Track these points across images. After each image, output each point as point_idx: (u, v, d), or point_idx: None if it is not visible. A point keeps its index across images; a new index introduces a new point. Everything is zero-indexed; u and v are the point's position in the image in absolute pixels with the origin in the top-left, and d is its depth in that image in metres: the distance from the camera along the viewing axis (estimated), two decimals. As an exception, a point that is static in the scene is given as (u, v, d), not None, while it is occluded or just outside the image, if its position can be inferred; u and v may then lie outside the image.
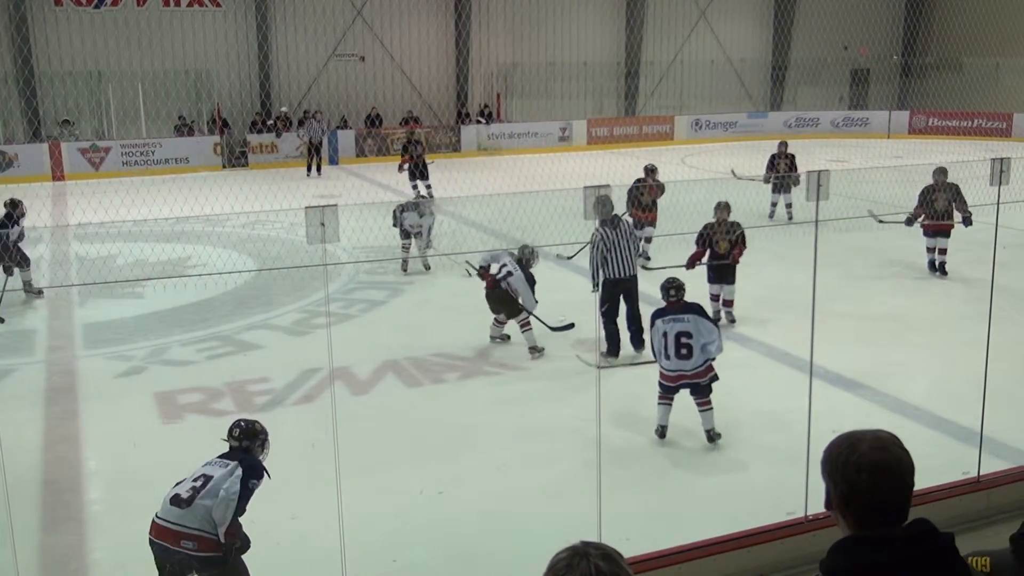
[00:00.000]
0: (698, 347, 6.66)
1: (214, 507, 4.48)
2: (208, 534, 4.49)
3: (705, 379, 6.74)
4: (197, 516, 4.50)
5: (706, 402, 6.80)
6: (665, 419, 6.88)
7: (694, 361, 6.67)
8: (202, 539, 4.50)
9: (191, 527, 4.50)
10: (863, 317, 9.90)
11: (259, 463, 4.72)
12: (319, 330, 9.74)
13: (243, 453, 4.74)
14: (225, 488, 4.51)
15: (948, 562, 2.04)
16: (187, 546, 4.51)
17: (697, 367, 6.70)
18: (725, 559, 4.67)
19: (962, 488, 5.28)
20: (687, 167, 23.08)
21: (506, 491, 6.27)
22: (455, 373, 8.65)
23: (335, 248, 11.45)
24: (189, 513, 4.50)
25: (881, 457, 2.04)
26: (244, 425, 4.89)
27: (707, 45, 30.91)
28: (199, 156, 23.62)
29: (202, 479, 4.60)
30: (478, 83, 28.59)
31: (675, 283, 6.97)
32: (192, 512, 4.50)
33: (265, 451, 4.88)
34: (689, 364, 6.68)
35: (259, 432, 4.86)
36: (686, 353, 6.66)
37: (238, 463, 4.62)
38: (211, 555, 4.52)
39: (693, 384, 6.76)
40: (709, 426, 6.81)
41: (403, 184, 19.21)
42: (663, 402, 6.88)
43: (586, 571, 1.73)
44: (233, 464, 4.62)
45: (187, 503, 4.52)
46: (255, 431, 4.86)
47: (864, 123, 30.62)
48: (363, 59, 26.64)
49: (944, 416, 7.27)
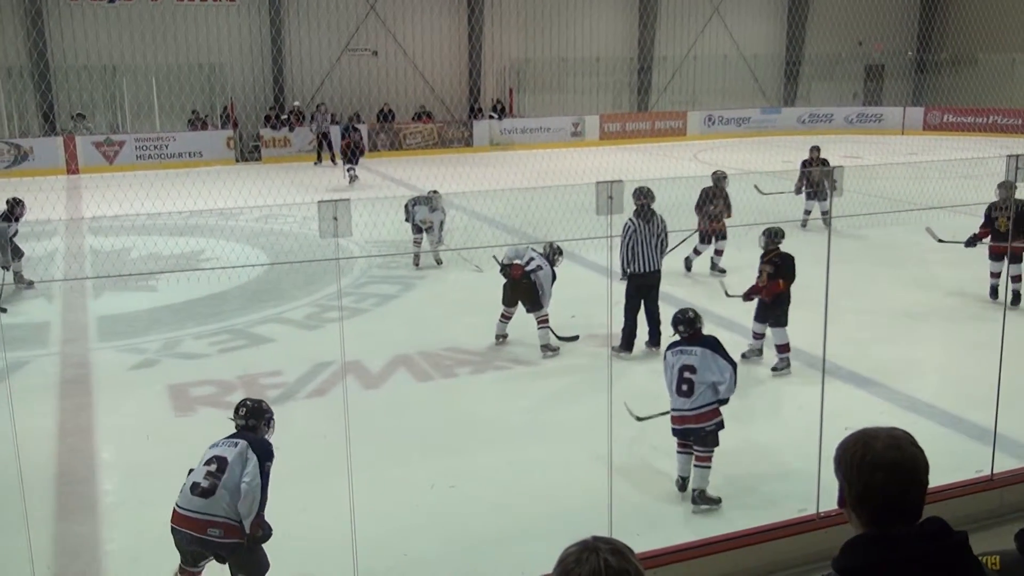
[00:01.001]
0: (703, 385, 5.78)
1: (240, 502, 4.54)
2: (233, 521, 4.55)
3: (708, 424, 5.80)
4: (221, 504, 4.55)
5: (704, 457, 5.82)
6: (684, 470, 5.97)
7: (693, 400, 5.78)
8: (228, 526, 4.56)
9: (216, 515, 4.56)
10: (876, 314, 9.86)
11: (269, 443, 4.76)
12: (331, 324, 9.76)
13: (250, 432, 4.78)
14: (247, 481, 4.55)
15: (962, 560, 2.03)
16: (214, 533, 4.58)
17: (697, 408, 5.78)
18: (736, 556, 4.66)
19: (975, 486, 5.25)
20: (699, 163, 23.03)
21: (517, 486, 6.27)
22: (466, 368, 8.66)
23: (347, 242, 11.53)
24: (213, 502, 4.55)
25: (896, 455, 2.03)
26: (251, 404, 4.92)
27: (720, 40, 30.80)
28: (212, 150, 23.72)
29: (215, 462, 4.63)
30: (490, 78, 28.57)
31: (686, 316, 6.08)
32: (216, 501, 4.55)
33: (271, 429, 4.92)
34: (688, 403, 5.79)
35: (265, 410, 4.90)
36: (686, 390, 5.78)
37: (248, 444, 4.65)
38: (236, 541, 4.59)
39: (697, 430, 5.82)
40: (698, 486, 5.81)
41: (415, 178, 19.22)
42: (681, 451, 5.99)
43: (595, 566, 1.74)
44: (243, 444, 4.64)
45: (210, 492, 4.56)
46: (262, 410, 4.90)
47: (878, 119, 30.47)
48: (376, 54, 26.65)
49: (957, 414, 7.24)
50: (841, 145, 24.93)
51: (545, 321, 8.95)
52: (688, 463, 5.93)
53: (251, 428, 4.83)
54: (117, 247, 13.48)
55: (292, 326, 9.95)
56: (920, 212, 12.31)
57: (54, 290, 11.31)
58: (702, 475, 5.81)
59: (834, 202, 5.04)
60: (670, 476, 6.13)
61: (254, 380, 8.26)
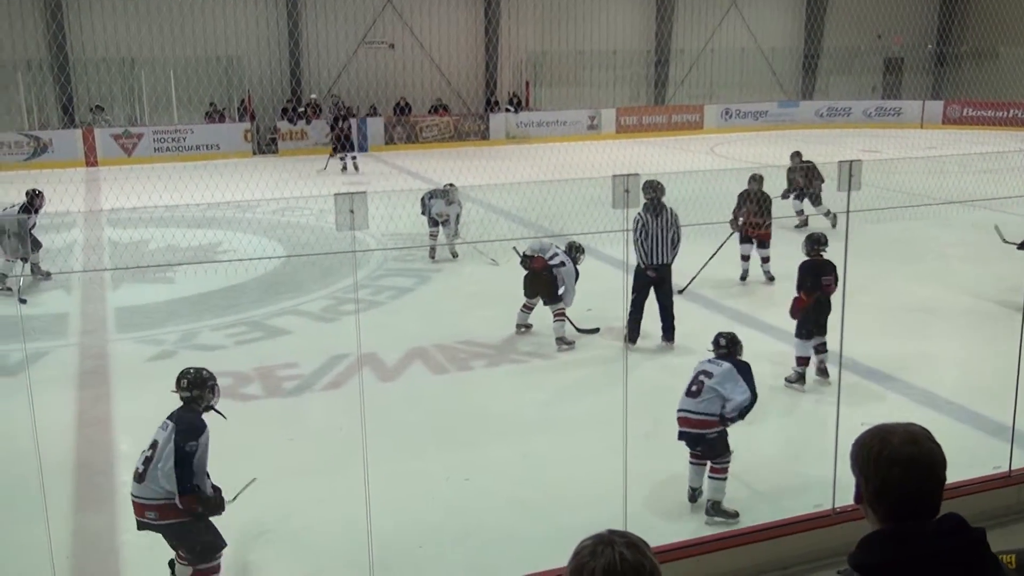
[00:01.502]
0: (712, 392, 5.65)
1: (162, 478, 4.52)
2: (165, 501, 4.53)
3: (710, 432, 5.63)
4: (152, 486, 4.55)
5: (718, 468, 5.67)
6: (696, 481, 5.82)
7: (698, 403, 5.65)
8: (161, 508, 4.55)
9: (149, 498, 4.56)
10: (894, 308, 9.80)
11: (195, 422, 4.65)
12: (347, 316, 9.79)
13: (194, 404, 4.72)
14: (164, 457, 4.52)
15: (979, 557, 2.02)
16: (150, 516, 4.59)
17: (700, 412, 5.65)
18: (751, 550, 4.65)
19: (993, 483, 5.22)
20: (716, 156, 22.93)
21: (532, 479, 6.28)
22: (482, 361, 8.67)
23: (364, 235, 11.55)
24: (146, 485, 4.56)
25: (914, 451, 2.02)
26: (192, 374, 4.82)
27: (738, 33, 30.64)
28: (230, 143, 23.83)
29: (151, 447, 4.63)
30: (507, 71, 28.54)
31: (728, 336, 6.01)
32: (148, 484, 4.56)
33: (215, 396, 4.85)
34: (692, 403, 5.68)
35: (207, 378, 4.82)
36: (695, 390, 5.69)
37: (174, 425, 4.60)
38: (173, 522, 4.56)
39: (697, 436, 5.68)
40: (711, 497, 5.67)
41: (431, 171, 19.24)
42: (692, 461, 5.83)
43: (610, 559, 1.74)
44: (171, 427, 4.60)
45: (143, 476, 4.57)
46: (202, 378, 4.81)
47: (897, 113, 30.25)
48: (392, 47, 26.68)
49: (975, 410, 7.19)
50: (859, 139, 24.79)
51: (562, 314, 8.96)
52: (699, 474, 5.80)
53: (195, 399, 4.74)
54: (135, 239, 13.58)
55: (308, 318, 9.98)
56: (938, 207, 12.24)
57: (73, 282, 11.40)
58: (716, 487, 5.65)
59: (852, 196, 5.00)
60: (685, 472, 6.12)
61: (270, 372, 8.30)
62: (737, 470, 5.93)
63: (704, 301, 10.16)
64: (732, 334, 6.04)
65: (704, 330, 7.02)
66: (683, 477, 6.07)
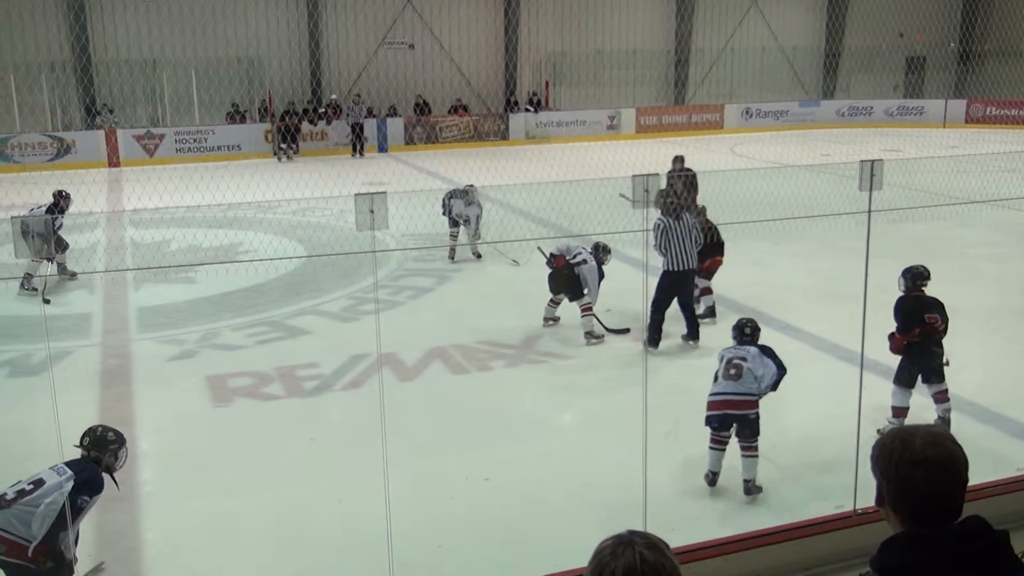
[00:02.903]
0: (751, 374, 5.97)
1: (34, 518, 4.33)
2: (20, 539, 4.33)
3: (751, 412, 5.93)
4: (13, 519, 4.34)
5: (752, 447, 5.96)
6: (716, 465, 6.02)
7: (739, 384, 5.94)
8: (12, 543, 4.34)
9: (3, 529, 4.34)
10: (916, 309, 9.71)
11: (97, 478, 4.51)
12: (367, 316, 9.82)
13: (91, 463, 4.57)
14: (47, 502, 4.34)
15: (1003, 559, 2.00)
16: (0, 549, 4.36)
17: (742, 393, 5.94)
18: (772, 551, 4.62)
19: (1016, 484, 5.16)
20: (737, 156, 22.84)
21: (551, 479, 6.27)
22: (501, 361, 8.67)
23: (383, 235, 11.58)
24: (6, 516, 4.35)
25: (935, 453, 2.01)
26: (96, 433, 4.68)
27: (759, 32, 30.52)
28: (250, 143, 23.96)
29: (35, 483, 4.45)
30: (527, 71, 28.56)
31: (750, 323, 6.34)
32: (9, 513, 4.35)
33: (119, 461, 4.71)
34: (734, 386, 5.95)
35: (111, 441, 4.67)
36: (734, 374, 5.98)
37: (74, 475, 4.44)
38: (18, 562, 4.33)
39: (740, 417, 5.95)
40: (749, 475, 5.98)
41: (451, 171, 19.25)
42: (715, 446, 6.02)
43: (630, 560, 1.73)
44: (68, 475, 4.43)
45: (8, 504, 4.38)
46: (106, 440, 4.66)
47: (919, 112, 30.03)
48: (412, 47, 26.77)
49: (997, 411, 7.14)
50: (881, 138, 24.63)
51: (588, 309, 9.00)
52: (719, 459, 6.00)
53: (94, 460, 4.59)
54: (157, 239, 13.68)
55: (329, 318, 10.02)
56: (961, 206, 12.14)
57: (96, 282, 11.49)
58: (751, 464, 5.95)
59: (873, 196, 4.96)
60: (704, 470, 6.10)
61: (291, 372, 8.33)
62: (760, 469, 5.91)
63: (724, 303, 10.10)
64: (754, 321, 6.39)
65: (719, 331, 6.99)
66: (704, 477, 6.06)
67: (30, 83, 22.59)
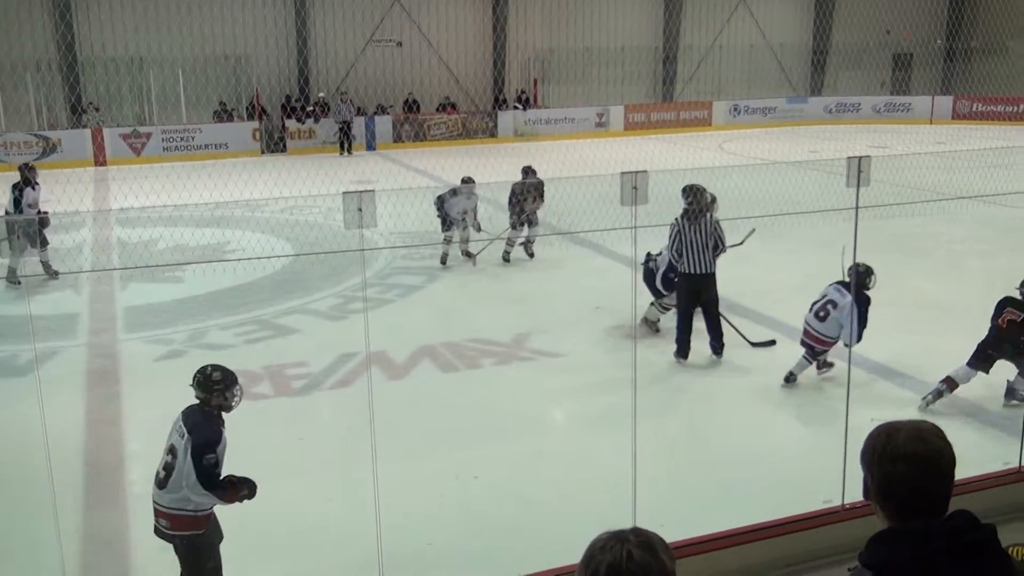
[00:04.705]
0: (835, 320, 7.24)
1: (189, 495, 4.43)
2: (183, 512, 4.46)
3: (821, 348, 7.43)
4: (171, 495, 4.47)
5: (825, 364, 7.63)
6: (799, 369, 7.57)
7: (821, 325, 7.33)
8: (175, 518, 4.48)
9: (165, 506, 4.49)
10: (904, 304, 9.75)
11: (209, 434, 4.49)
12: (356, 315, 9.80)
13: (202, 410, 4.58)
14: (186, 473, 4.39)
15: (989, 554, 2.01)
16: (163, 524, 4.53)
17: (822, 333, 7.34)
18: (761, 547, 4.63)
19: (1004, 478, 5.19)
20: (725, 153, 22.89)
21: (542, 476, 6.28)
22: (491, 359, 8.66)
23: (372, 233, 11.55)
24: (166, 493, 4.49)
25: (919, 448, 2.02)
26: (205, 374, 4.63)
27: (746, 29, 30.58)
28: (238, 142, 23.87)
29: (171, 453, 4.51)
30: (515, 68, 28.54)
31: (863, 266, 7.08)
32: (168, 492, 4.48)
33: (233, 399, 4.65)
34: (817, 325, 7.38)
35: (216, 382, 4.61)
36: (823, 316, 7.33)
37: (190, 437, 4.44)
38: (185, 534, 4.49)
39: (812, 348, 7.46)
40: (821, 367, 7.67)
41: (439, 169, 19.23)
42: (807, 356, 7.57)
43: (617, 556, 1.73)
44: (187, 438, 4.45)
45: (164, 483, 4.49)
46: (211, 381, 4.61)
47: (906, 108, 30.14)
48: (400, 44, 26.71)
49: (985, 406, 7.17)
50: (868, 135, 24.71)
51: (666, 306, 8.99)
52: (802, 367, 7.61)
53: (204, 402, 4.60)
54: (144, 238, 13.63)
55: (317, 317, 10.00)
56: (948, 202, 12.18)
57: (82, 281, 11.43)
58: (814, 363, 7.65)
59: (861, 192, 4.98)
60: (697, 468, 6.13)
61: (280, 371, 8.31)
62: (750, 465, 5.93)
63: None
64: (862, 267, 7.03)
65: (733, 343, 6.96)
66: (695, 475, 6.09)
67: (15, 82, 22.44)
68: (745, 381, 8.05)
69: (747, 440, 6.81)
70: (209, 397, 4.61)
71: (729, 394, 7.82)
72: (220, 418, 4.64)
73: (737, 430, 6.99)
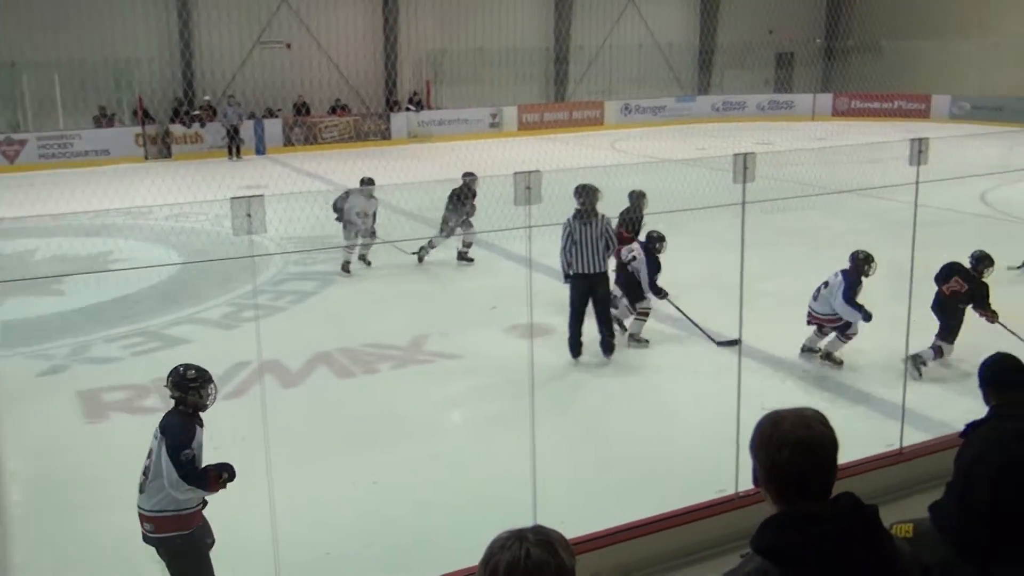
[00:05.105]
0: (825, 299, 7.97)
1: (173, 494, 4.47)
2: (166, 513, 4.49)
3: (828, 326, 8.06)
4: (152, 497, 4.49)
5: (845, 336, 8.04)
6: (813, 342, 8.30)
7: (816, 303, 8.05)
8: (158, 520, 4.50)
9: (147, 509, 4.52)
10: (791, 296, 10.04)
11: (182, 432, 4.52)
12: (248, 323, 9.58)
13: (176, 411, 4.62)
14: (165, 474, 4.44)
15: (873, 533, 2.09)
16: (147, 528, 4.54)
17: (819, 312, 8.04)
18: (658, 538, 4.71)
19: (886, 460, 5.41)
20: (617, 152, 23.24)
21: (441, 480, 6.25)
22: (388, 363, 8.58)
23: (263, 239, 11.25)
24: (146, 496, 4.51)
25: (803, 434, 2.08)
26: (175, 375, 4.69)
27: (635, 30, 31.10)
28: (120, 147, 23.04)
29: (148, 456, 4.56)
30: (407, 70, 28.37)
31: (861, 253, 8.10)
32: (148, 495, 4.50)
33: (207, 398, 4.69)
34: (813, 304, 8.09)
35: (191, 380, 4.65)
36: (815, 294, 8.06)
37: (163, 437, 4.50)
38: (167, 535, 4.52)
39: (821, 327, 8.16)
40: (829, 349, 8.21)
41: (331, 172, 18.98)
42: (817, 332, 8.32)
43: (515, 555, 1.74)
44: (160, 439, 4.51)
45: (143, 487, 4.53)
46: (185, 379, 4.65)
47: (789, 106, 31.17)
48: (289, 46, 26.21)
49: (868, 391, 7.46)
50: (754, 132, 25.44)
51: (644, 314, 8.88)
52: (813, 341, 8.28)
53: (179, 401, 4.64)
54: (19, 249, 13.02)
55: (208, 326, 9.73)
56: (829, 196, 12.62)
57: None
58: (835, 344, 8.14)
59: (747, 188, 5.11)
60: (595, 464, 6.18)
61: (169, 383, 8.04)
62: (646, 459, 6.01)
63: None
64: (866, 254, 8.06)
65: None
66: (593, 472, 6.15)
67: None
68: (640, 378, 8.18)
69: (644, 435, 6.91)
70: (184, 396, 4.64)
71: (625, 391, 7.93)
72: (195, 416, 4.67)
73: (634, 426, 7.09)
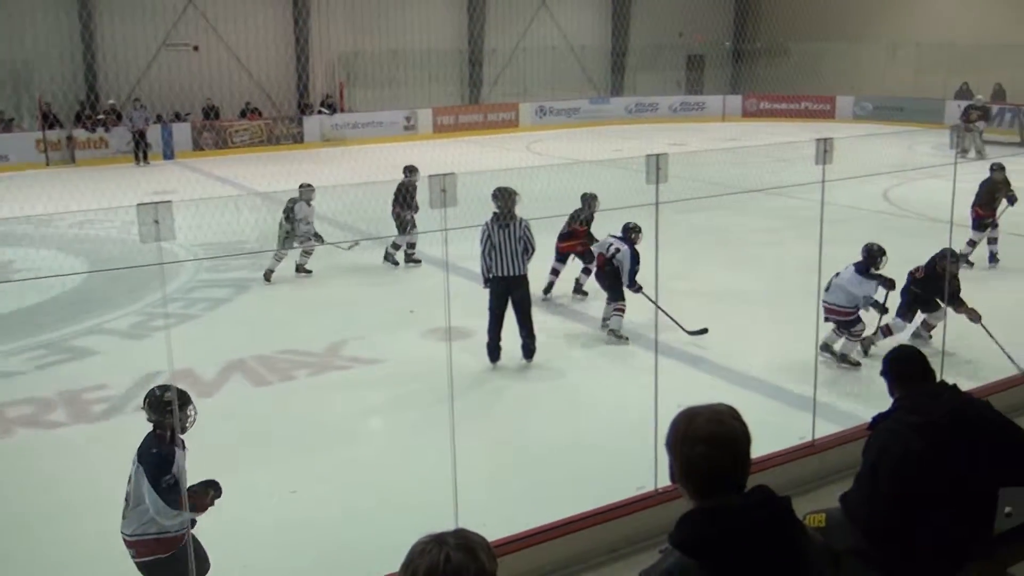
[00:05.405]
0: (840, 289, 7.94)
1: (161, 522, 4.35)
2: (146, 536, 4.39)
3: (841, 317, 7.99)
4: (133, 523, 4.40)
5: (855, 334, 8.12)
6: (831, 340, 8.23)
7: (829, 294, 7.90)
8: (139, 544, 4.41)
9: (128, 534, 4.43)
10: (704, 294, 10.25)
11: (158, 459, 4.36)
12: (159, 332, 9.34)
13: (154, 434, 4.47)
14: (149, 501, 4.31)
15: (787, 524, 2.14)
16: (132, 555, 4.45)
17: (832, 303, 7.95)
18: (579, 537, 4.74)
19: (798, 453, 5.54)
20: (532, 154, 23.35)
21: (362, 485, 6.19)
22: (306, 370, 8.46)
23: (172, 246, 11.01)
24: (128, 522, 4.43)
25: (716, 429, 2.12)
26: (151, 397, 4.53)
27: (548, 32, 31.28)
28: (20, 153, 22.19)
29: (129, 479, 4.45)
30: (319, 72, 27.99)
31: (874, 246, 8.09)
32: (130, 521, 4.42)
33: (186, 420, 4.50)
34: (827, 296, 7.89)
35: (167, 402, 4.44)
36: (827, 287, 7.87)
37: (140, 466, 4.37)
38: (152, 559, 4.42)
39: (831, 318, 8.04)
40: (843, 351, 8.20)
41: (243, 177, 18.64)
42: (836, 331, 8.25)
43: (435, 560, 1.73)
44: (137, 467, 4.38)
45: (124, 514, 4.45)
46: (161, 402, 4.47)
47: (700, 107, 31.76)
48: (196, 48, 25.60)
49: (782, 385, 7.64)
50: (667, 133, 25.84)
51: (621, 310, 8.96)
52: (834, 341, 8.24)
53: (157, 424, 4.47)
54: (-86, 261, 12.46)
55: (117, 336, 9.45)
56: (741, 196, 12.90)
57: None
58: (848, 346, 8.19)
59: (660, 188, 5.18)
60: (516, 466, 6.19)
61: (77, 396, 7.81)
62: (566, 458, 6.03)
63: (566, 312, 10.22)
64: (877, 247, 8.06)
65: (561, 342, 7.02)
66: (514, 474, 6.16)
67: None
68: (559, 381, 8.22)
69: (564, 436, 6.95)
70: (162, 419, 4.47)
71: (545, 393, 7.96)
72: (174, 439, 4.46)
73: (554, 427, 7.12)
